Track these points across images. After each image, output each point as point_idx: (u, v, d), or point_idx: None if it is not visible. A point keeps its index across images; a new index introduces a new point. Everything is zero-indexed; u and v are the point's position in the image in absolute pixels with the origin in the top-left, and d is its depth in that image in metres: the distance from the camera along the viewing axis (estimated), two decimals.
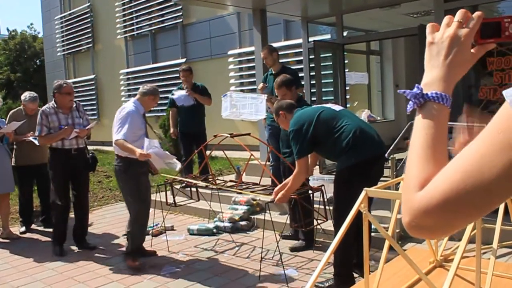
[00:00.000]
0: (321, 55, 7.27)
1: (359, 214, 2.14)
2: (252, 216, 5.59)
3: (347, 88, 7.91)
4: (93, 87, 16.01)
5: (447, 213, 0.72)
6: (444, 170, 0.75)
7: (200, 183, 4.97)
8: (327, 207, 4.14)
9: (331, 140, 3.51)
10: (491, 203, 0.71)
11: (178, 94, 6.51)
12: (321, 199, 4.13)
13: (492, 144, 0.68)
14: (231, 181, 5.14)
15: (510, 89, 0.70)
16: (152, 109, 4.90)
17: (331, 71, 7.59)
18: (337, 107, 3.75)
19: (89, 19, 15.87)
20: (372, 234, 4.02)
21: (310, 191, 4.15)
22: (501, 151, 0.67)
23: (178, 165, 4.49)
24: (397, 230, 4.44)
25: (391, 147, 4.58)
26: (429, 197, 0.74)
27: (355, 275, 3.65)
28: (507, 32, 0.82)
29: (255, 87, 8.78)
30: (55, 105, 4.94)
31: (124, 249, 4.80)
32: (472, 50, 0.86)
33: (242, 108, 5.58)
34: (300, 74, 6.44)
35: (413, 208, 0.76)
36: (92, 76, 16.01)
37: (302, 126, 3.55)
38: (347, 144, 3.42)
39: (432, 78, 0.86)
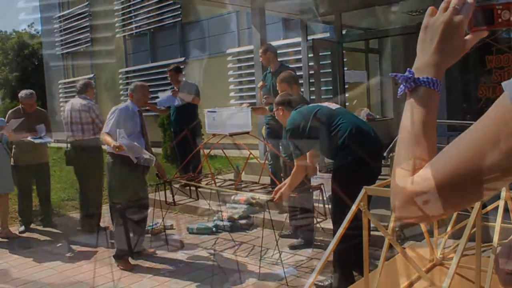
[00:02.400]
0: (320, 54, 7.26)
1: (358, 213, 2.14)
2: (252, 215, 5.59)
3: (346, 86, 7.90)
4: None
5: (439, 199, 0.73)
6: (438, 157, 0.75)
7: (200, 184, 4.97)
8: (326, 206, 4.13)
9: (328, 139, 3.51)
10: (480, 193, 0.72)
11: (162, 95, 6.53)
12: (321, 198, 4.13)
13: (488, 134, 0.69)
14: (230, 180, 5.13)
15: (509, 81, 0.69)
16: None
17: (330, 70, 7.58)
18: (334, 106, 3.74)
19: (87, 18, 15.84)
20: (372, 232, 4.02)
21: (309, 190, 4.15)
22: (498, 142, 0.67)
23: (154, 160, 4.45)
24: (397, 229, 4.44)
25: (390, 146, 4.57)
26: (422, 183, 0.74)
27: (355, 273, 3.65)
28: (500, 19, 0.80)
29: (254, 85, 8.78)
30: None
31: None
32: (466, 37, 0.85)
33: (229, 122, 5.66)
34: (299, 73, 6.42)
35: (405, 193, 0.76)
36: (91, 76, 15.97)
37: (298, 125, 3.56)
38: (343, 142, 3.42)
39: (423, 63, 0.86)
